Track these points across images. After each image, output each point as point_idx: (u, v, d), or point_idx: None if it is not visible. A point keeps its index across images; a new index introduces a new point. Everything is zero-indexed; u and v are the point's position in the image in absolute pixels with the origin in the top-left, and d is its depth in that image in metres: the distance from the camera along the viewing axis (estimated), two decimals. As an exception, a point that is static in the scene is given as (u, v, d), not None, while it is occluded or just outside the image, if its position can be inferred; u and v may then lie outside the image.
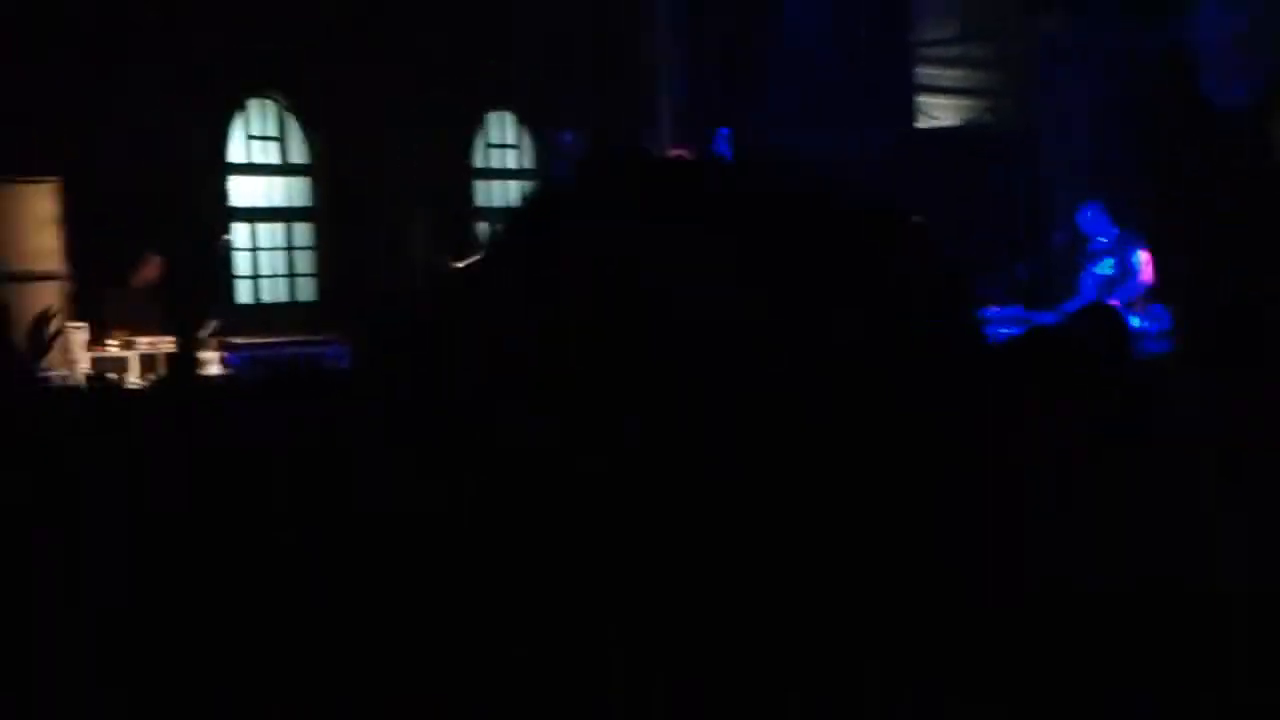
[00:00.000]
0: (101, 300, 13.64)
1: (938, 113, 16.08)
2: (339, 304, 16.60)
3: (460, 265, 14.01)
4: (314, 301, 17.32)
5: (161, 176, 15.20)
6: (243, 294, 16.95)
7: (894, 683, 1.71)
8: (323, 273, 17.39)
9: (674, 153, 14.11)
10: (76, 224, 13.33)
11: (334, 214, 17.47)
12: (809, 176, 1.90)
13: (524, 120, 18.85)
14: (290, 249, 17.43)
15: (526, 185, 18.47)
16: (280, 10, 16.07)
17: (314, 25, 16.31)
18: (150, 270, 13.36)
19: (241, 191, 17.04)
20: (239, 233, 16.82)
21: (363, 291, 16.10)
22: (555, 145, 14.22)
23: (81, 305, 13.36)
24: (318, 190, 17.56)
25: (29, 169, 13.40)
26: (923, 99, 16.05)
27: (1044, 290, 13.59)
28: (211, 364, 13.21)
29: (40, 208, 13.23)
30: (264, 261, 17.25)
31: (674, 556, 1.67)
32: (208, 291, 14.02)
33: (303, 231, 17.54)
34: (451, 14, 17.42)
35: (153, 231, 14.42)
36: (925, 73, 16.03)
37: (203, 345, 13.40)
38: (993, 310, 12.44)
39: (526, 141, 18.97)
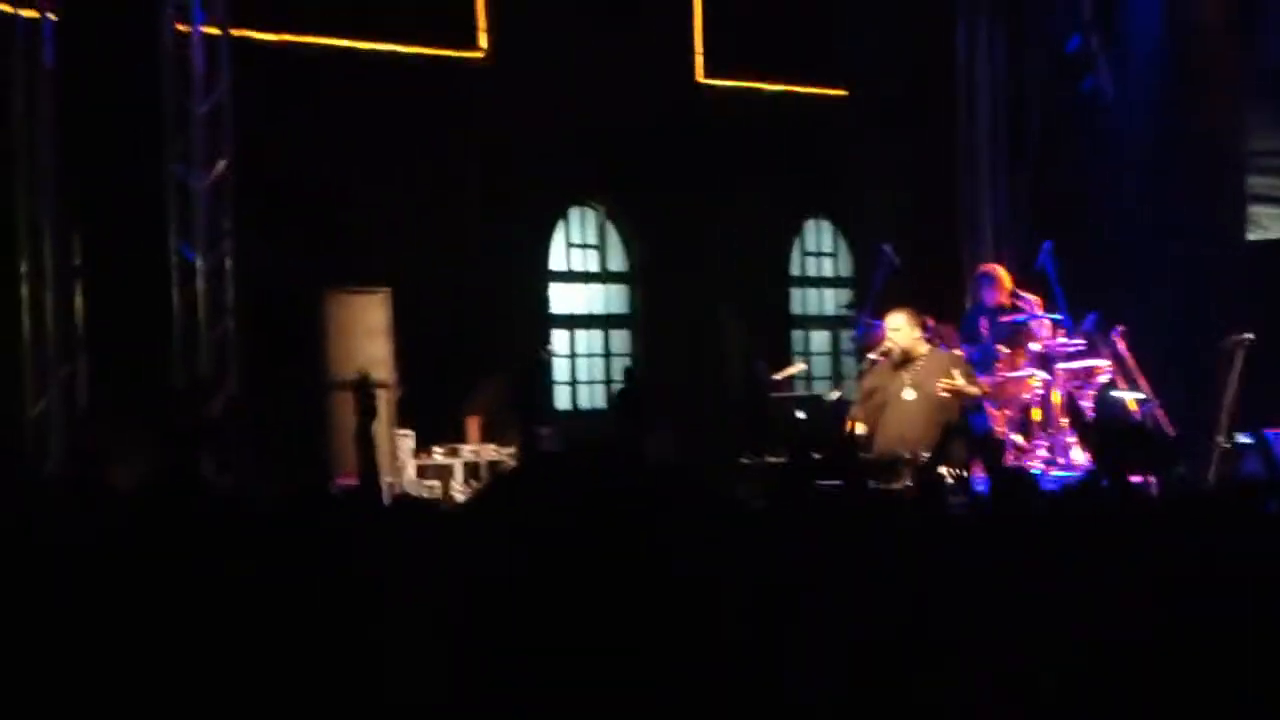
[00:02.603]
0: (427, 407, 13.93)
1: (1268, 223, 15.62)
2: (659, 410, 16.71)
3: (778, 377, 14.01)
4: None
5: (484, 286, 15.55)
6: (562, 400, 17.18)
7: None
8: (648, 378, 17.51)
9: (984, 269, 13.91)
10: (404, 332, 13.66)
11: (652, 320, 17.63)
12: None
13: (842, 227, 18.84)
14: (608, 355, 17.62)
15: (842, 294, 18.43)
16: (602, 121, 16.33)
17: (634, 135, 16.54)
18: (473, 431, 13.70)
19: (561, 298, 17.32)
20: (558, 339, 17.08)
21: (668, 399, 16.19)
22: (875, 256, 14.14)
23: (407, 413, 13.67)
24: (636, 296, 17.76)
25: (362, 280, 13.80)
26: (1254, 209, 15.60)
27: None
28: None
29: (372, 317, 13.60)
30: (582, 368, 17.47)
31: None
32: (534, 400, 14.24)
33: (620, 338, 17.73)
34: (770, 122, 17.53)
35: (475, 341, 14.76)
36: (1258, 182, 15.59)
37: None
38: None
39: (844, 248, 18.95)
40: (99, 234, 13.28)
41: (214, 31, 13.66)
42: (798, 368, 14.28)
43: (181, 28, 13.55)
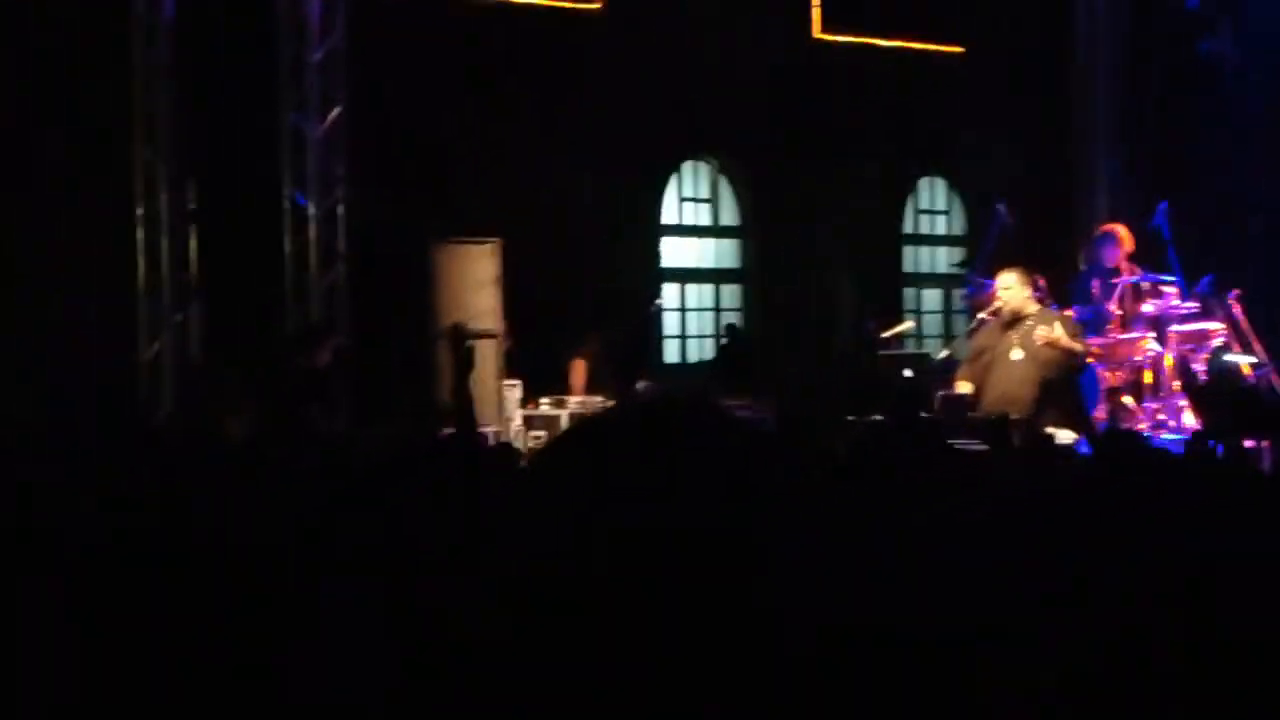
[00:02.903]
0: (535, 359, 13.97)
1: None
2: (764, 366, 16.67)
3: (887, 335, 13.93)
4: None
5: (596, 238, 15.56)
6: (670, 354, 17.19)
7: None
8: (751, 334, 17.48)
9: (1106, 228, 13.72)
10: (514, 284, 13.70)
11: (763, 276, 17.59)
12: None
13: (956, 185, 18.68)
14: (719, 309, 17.59)
15: (956, 252, 18.29)
16: (717, 75, 16.29)
17: (749, 90, 16.48)
18: (578, 377, 13.70)
19: (673, 252, 17.31)
20: (669, 293, 17.08)
21: (775, 356, 16.16)
22: (989, 214, 14.01)
23: (515, 365, 13.71)
24: (747, 252, 17.71)
25: (472, 231, 13.84)
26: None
27: None
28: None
29: (481, 269, 13.62)
30: (692, 322, 17.47)
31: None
32: (640, 353, 14.25)
33: (731, 293, 17.71)
34: (886, 79, 17.40)
35: (584, 293, 14.77)
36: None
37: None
38: None
39: (958, 206, 18.80)
40: (214, 181, 13.39)
41: (330, -20, 13.76)
42: (906, 326, 14.19)
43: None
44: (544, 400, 13.94)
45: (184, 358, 13.40)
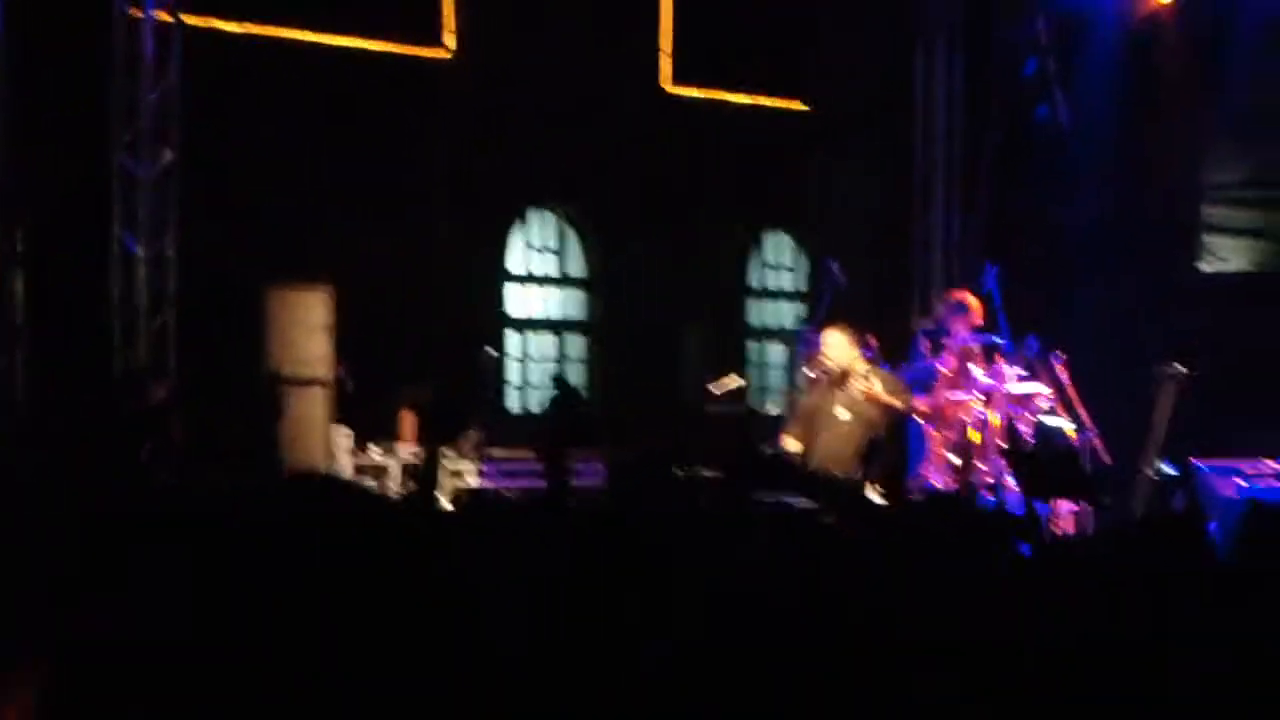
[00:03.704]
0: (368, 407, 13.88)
1: (1225, 254, 15.60)
2: (607, 418, 16.66)
3: (715, 389, 13.96)
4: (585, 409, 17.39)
5: (437, 286, 15.49)
6: (513, 403, 17.13)
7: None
8: (593, 385, 17.47)
9: (958, 297, 13.76)
10: (347, 331, 13.61)
11: (607, 327, 17.58)
12: None
13: (800, 241, 18.79)
14: (562, 360, 17.57)
15: (800, 308, 18.40)
16: (567, 123, 16.29)
17: (599, 139, 16.49)
18: (407, 427, 13.63)
19: (517, 302, 17.27)
20: (512, 342, 17.03)
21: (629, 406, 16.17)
22: (825, 271, 14.08)
23: (347, 411, 13.62)
24: (593, 302, 17.71)
25: (309, 276, 13.73)
26: (1209, 239, 15.59)
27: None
28: (469, 474, 13.32)
29: (313, 314, 13.54)
30: (534, 372, 17.42)
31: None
32: (471, 403, 14.19)
33: (575, 343, 17.69)
34: (733, 133, 17.49)
35: (421, 340, 14.69)
36: (1213, 213, 15.59)
37: (464, 455, 13.53)
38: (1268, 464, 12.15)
39: (802, 263, 18.90)
40: (41, 222, 13.20)
41: (166, 18, 13.60)
42: (736, 382, 14.21)
43: (134, 13, 13.49)
44: (374, 448, 13.87)
45: (8, 400, 13.17)
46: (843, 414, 12.06)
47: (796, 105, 17.90)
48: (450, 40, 16.15)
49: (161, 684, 3.19)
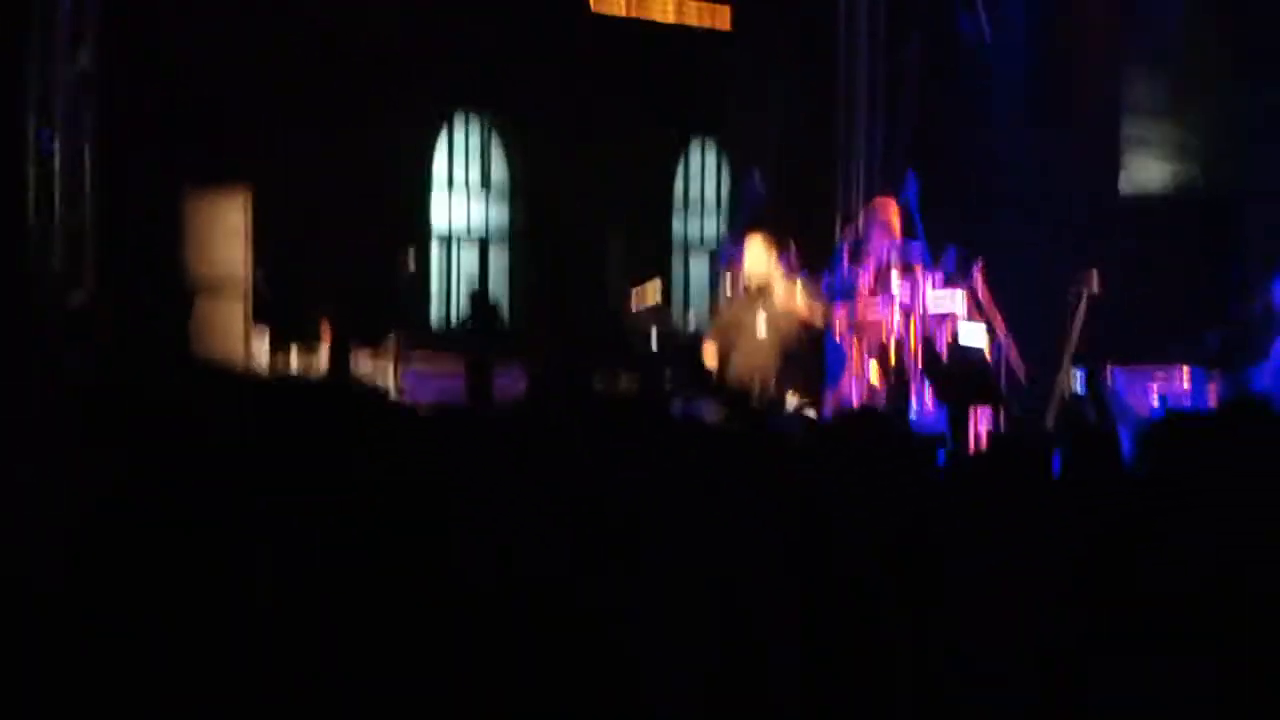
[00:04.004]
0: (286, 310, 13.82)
1: (1143, 174, 15.73)
2: (529, 329, 16.65)
3: (635, 301, 13.98)
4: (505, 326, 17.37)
5: (361, 194, 15.39)
6: (435, 315, 17.06)
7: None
8: (515, 297, 17.43)
9: (881, 205, 13.78)
10: (265, 235, 13.51)
11: (530, 236, 17.54)
12: None
13: (725, 151, 18.77)
14: (484, 271, 17.52)
15: (724, 219, 18.42)
16: (491, 28, 16.18)
17: (524, 44, 16.39)
18: (326, 336, 13.56)
19: (440, 210, 17.19)
20: (435, 252, 16.97)
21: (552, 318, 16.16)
22: (747, 182, 14.09)
23: (264, 315, 13.55)
24: (515, 211, 17.65)
25: (228, 181, 13.61)
26: (1129, 159, 15.71)
27: (1237, 358, 13.27)
28: (384, 380, 13.26)
29: (230, 219, 13.43)
30: (457, 283, 17.34)
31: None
32: (389, 311, 14.13)
33: (499, 254, 17.63)
34: (659, 41, 17.41)
35: (339, 246, 14.62)
36: (1133, 133, 15.69)
37: (379, 363, 13.50)
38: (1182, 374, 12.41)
39: (726, 174, 18.90)
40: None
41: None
42: (656, 292, 14.21)
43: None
44: (294, 349, 13.82)
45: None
46: (760, 324, 12.11)
47: (720, 25, 17.82)
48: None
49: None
